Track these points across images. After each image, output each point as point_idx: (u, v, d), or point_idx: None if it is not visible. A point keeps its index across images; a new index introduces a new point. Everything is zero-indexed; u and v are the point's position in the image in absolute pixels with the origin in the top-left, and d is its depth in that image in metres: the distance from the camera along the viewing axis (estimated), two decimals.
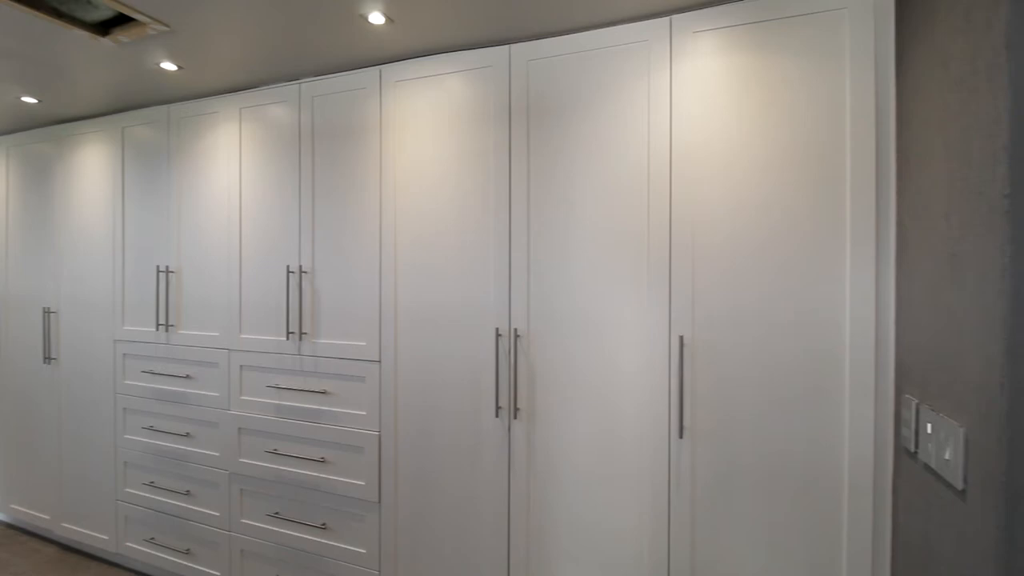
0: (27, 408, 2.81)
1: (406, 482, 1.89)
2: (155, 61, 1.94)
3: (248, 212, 2.16)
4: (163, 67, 1.98)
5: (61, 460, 2.68)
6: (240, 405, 2.17)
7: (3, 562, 2.59)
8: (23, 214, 2.80)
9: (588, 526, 1.63)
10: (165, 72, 2.03)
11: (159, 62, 1.94)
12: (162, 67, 1.98)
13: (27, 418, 2.81)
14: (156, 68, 2.00)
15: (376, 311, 1.92)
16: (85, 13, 1.68)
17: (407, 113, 1.88)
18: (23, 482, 2.84)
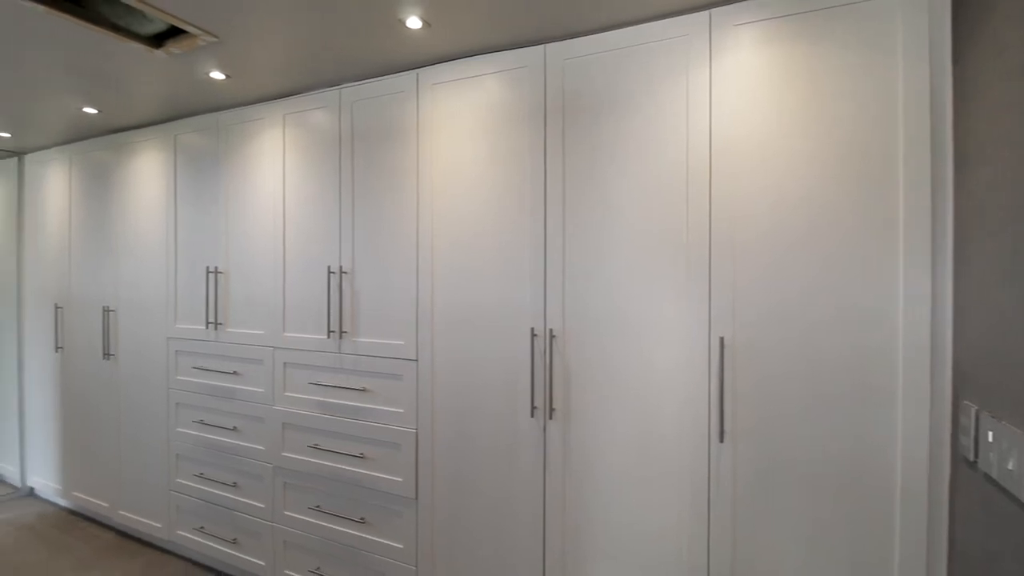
0: (88, 401, 2.98)
1: (443, 480, 1.92)
2: (205, 71, 2.02)
3: (291, 215, 2.24)
4: (212, 76, 2.07)
5: (119, 451, 2.83)
6: (284, 401, 2.25)
7: (67, 546, 2.76)
8: (85, 219, 2.98)
9: (625, 526, 1.61)
10: (214, 81, 2.12)
11: (208, 72, 2.03)
12: (211, 76, 2.07)
13: (88, 411, 2.98)
14: (205, 78, 2.08)
15: (413, 311, 1.95)
16: (140, 27, 1.77)
17: (443, 115, 1.91)
18: (84, 471, 3.02)
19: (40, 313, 3.23)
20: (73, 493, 3.08)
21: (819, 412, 1.38)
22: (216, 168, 2.44)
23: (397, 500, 1.99)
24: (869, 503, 1.33)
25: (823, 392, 1.37)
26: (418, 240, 1.94)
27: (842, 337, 1.35)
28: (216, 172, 2.44)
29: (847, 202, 1.35)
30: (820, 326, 1.37)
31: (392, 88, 1.99)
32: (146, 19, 1.72)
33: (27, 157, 3.31)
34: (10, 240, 3.38)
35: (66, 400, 3.10)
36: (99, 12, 1.66)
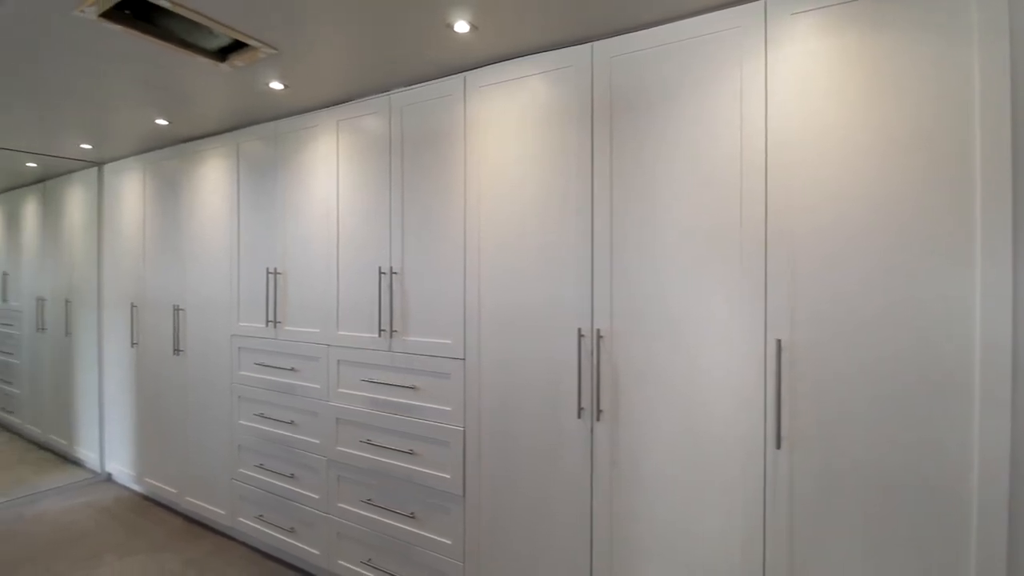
0: (159, 394, 3.19)
1: (489, 478, 1.94)
2: (265, 82, 2.13)
3: (344, 218, 2.32)
4: (271, 87, 2.17)
5: (186, 441, 3.01)
6: (338, 397, 2.33)
7: (141, 529, 2.96)
8: (157, 223, 3.19)
9: (675, 529, 1.58)
10: (273, 91, 2.23)
11: (268, 82, 2.13)
12: (271, 87, 2.17)
13: (159, 402, 3.19)
14: (265, 88, 2.19)
15: (461, 310, 1.98)
16: (207, 42, 1.88)
17: (490, 117, 1.93)
18: (156, 459, 3.23)
19: (118, 312, 3.48)
20: (145, 479, 3.30)
21: (884, 416, 1.31)
22: (275, 174, 2.56)
23: (445, 496, 2.02)
24: (941, 513, 1.25)
25: (888, 394, 1.30)
26: (465, 241, 1.97)
27: (909, 336, 1.27)
28: (275, 178, 2.56)
29: (913, 193, 1.27)
30: (884, 324, 1.30)
31: (440, 92, 2.03)
32: (212, 35, 1.82)
33: (106, 167, 3.58)
34: (92, 244, 3.66)
35: (140, 392, 3.33)
36: (170, 30, 1.78)
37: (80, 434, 3.78)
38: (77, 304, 3.77)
